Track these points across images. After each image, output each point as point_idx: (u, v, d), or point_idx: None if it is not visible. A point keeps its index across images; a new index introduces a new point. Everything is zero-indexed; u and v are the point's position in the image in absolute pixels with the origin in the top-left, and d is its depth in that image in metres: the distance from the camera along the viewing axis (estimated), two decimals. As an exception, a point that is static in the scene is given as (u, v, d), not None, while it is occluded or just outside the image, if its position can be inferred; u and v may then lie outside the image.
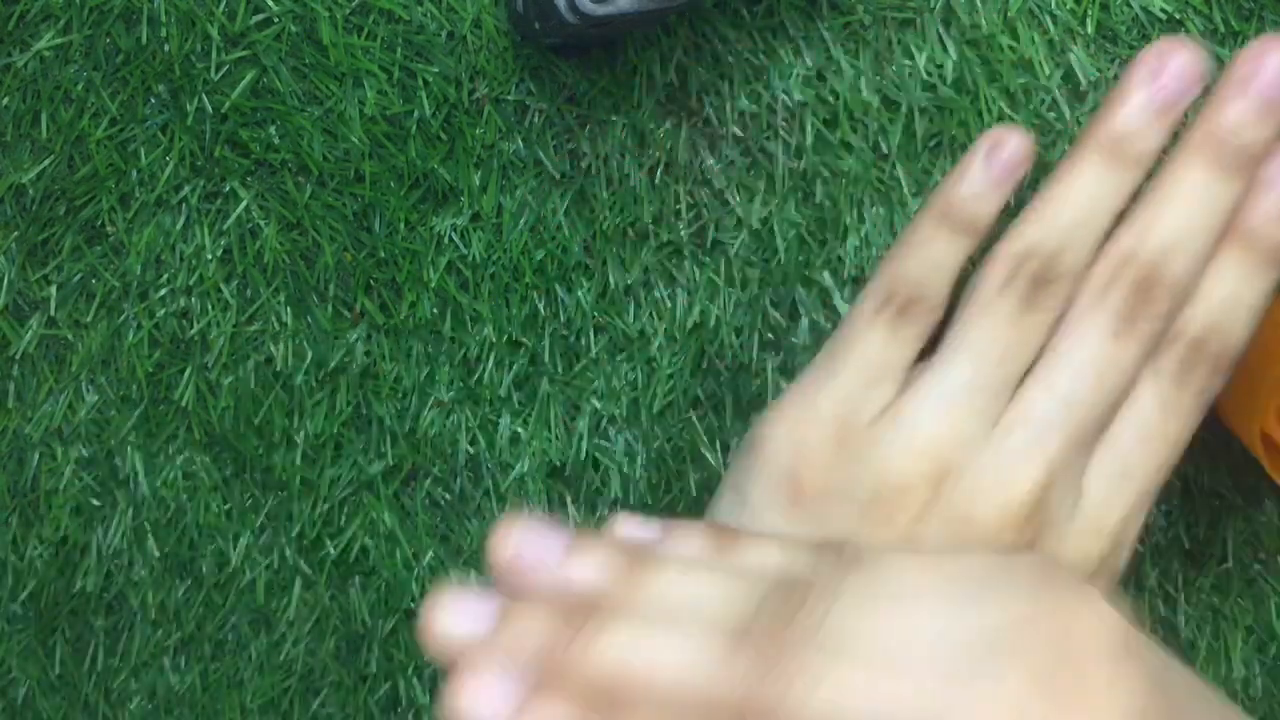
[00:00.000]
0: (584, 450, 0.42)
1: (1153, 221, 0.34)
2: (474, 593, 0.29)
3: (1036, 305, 0.34)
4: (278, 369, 0.42)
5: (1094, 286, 0.34)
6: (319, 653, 0.42)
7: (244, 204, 0.41)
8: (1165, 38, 0.34)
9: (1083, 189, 0.34)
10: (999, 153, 0.35)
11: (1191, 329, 0.34)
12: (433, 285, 0.41)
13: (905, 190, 0.40)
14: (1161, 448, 0.34)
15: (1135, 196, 0.35)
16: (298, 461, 0.42)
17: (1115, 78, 0.40)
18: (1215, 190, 0.34)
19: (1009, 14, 0.40)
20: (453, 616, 0.29)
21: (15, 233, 0.41)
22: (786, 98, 0.40)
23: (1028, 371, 0.34)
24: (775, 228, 0.41)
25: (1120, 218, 0.35)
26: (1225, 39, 0.40)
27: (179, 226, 0.41)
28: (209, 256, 0.41)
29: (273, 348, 0.42)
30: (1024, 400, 0.34)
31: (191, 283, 0.42)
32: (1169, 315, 0.34)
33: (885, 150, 0.40)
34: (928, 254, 0.35)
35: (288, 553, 0.42)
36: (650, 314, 0.41)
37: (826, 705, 0.25)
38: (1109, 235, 0.35)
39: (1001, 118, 0.40)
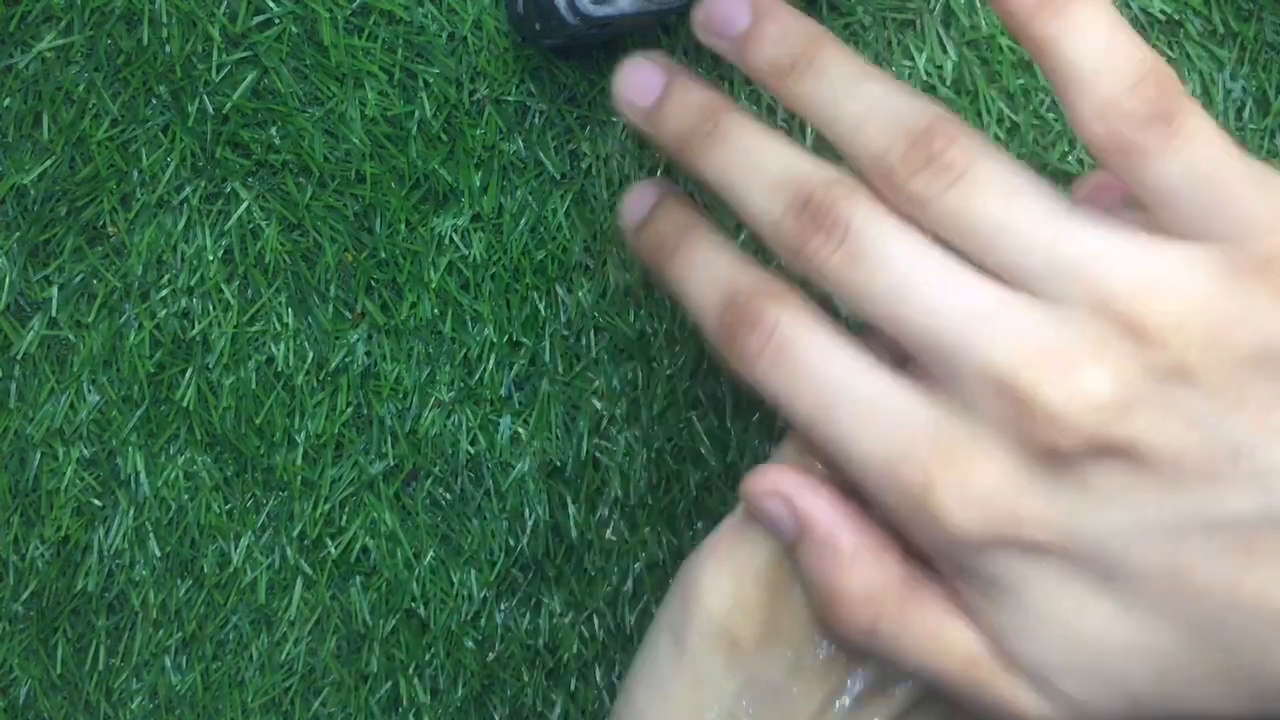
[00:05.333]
0: (584, 450, 0.42)
1: None
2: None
3: None
4: (279, 369, 0.42)
5: None
6: (320, 652, 0.42)
7: (245, 205, 0.41)
8: None
9: None
10: None
11: None
12: (433, 285, 0.41)
13: (905, 191, 0.40)
14: None
15: None
16: (299, 461, 0.42)
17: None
18: None
19: (1008, 15, 0.40)
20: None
21: (17, 233, 0.42)
22: (786, 98, 0.41)
23: None
24: (775, 228, 0.41)
25: None
26: (1224, 39, 0.40)
27: (180, 227, 0.42)
28: (210, 257, 0.42)
29: (274, 348, 0.42)
30: None
31: (193, 283, 0.42)
32: None
33: (885, 151, 0.40)
34: None
35: (289, 552, 0.42)
36: (650, 314, 0.41)
37: None
38: None
39: (1001, 118, 0.40)
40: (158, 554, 0.42)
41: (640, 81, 0.32)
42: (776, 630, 0.31)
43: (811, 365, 0.28)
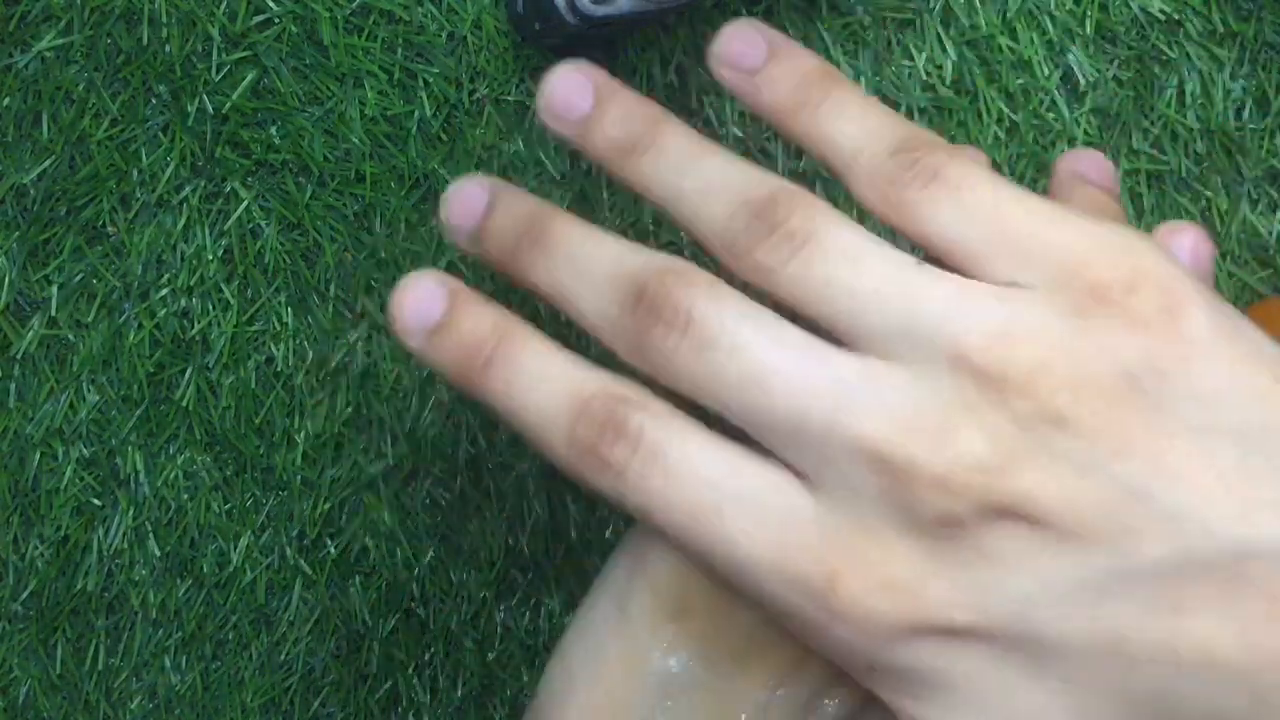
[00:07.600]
0: (584, 450, 0.42)
1: None
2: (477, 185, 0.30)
3: None
4: (278, 369, 0.42)
5: None
6: (319, 652, 0.42)
7: (245, 204, 0.41)
8: None
9: None
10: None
11: None
12: (433, 285, 0.41)
13: (905, 190, 0.40)
14: None
15: None
16: (298, 461, 0.42)
17: (1114, 78, 0.40)
18: None
19: (1008, 15, 0.40)
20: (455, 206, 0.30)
21: (16, 233, 0.42)
22: (786, 98, 0.41)
23: None
24: (775, 228, 0.41)
25: None
26: (1224, 39, 0.40)
27: (180, 227, 0.42)
28: (210, 257, 0.42)
29: (273, 348, 0.42)
30: None
31: (192, 283, 0.42)
32: None
33: (885, 150, 0.40)
34: None
35: (288, 552, 0.42)
36: (650, 314, 0.41)
37: None
38: None
39: (1001, 118, 0.40)
40: (157, 554, 0.42)
41: (464, 204, 0.30)
42: (730, 601, 0.28)
43: (685, 468, 0.26)
